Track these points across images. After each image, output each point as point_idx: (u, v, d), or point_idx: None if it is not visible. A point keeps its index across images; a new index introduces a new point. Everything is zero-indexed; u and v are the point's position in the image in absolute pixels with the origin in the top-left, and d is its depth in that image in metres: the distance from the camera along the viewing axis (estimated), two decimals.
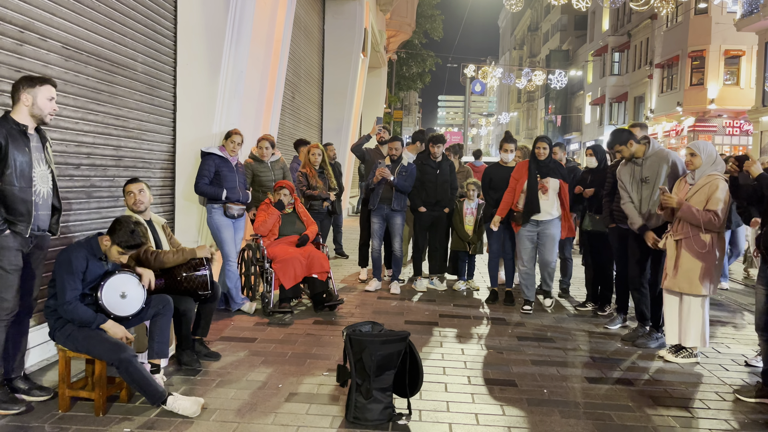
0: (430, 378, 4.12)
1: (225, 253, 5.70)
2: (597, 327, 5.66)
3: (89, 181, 4.74)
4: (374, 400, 3.40)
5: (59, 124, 4.33)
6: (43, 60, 4.13)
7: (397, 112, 29.00)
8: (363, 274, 7.54)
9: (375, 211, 6.81)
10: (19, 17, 3.89)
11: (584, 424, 3.51)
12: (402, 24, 20.91)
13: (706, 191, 4.48)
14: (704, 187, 4.50)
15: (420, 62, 28.49)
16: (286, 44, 7.90)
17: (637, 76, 33.36)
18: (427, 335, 5.23)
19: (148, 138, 5.67)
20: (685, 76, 26.97)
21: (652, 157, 5.01)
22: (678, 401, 3.90)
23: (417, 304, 6.41)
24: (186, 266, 4.18)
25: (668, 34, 28.67)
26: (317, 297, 5.93)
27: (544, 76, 33.83)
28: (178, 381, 3.97)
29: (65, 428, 3.24)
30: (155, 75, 5.78)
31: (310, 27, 12.60)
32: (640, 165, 5.05)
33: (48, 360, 4.21)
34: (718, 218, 4.41)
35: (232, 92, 6.31)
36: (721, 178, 4.50)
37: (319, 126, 14.29)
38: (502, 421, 3.52)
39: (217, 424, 3.35)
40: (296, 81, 11.40)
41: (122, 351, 3.38)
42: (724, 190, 4.45)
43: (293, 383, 4.00)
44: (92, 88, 4.73)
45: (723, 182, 4.47)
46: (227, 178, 5.61)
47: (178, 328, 4.20)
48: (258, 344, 4.83)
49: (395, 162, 6.73)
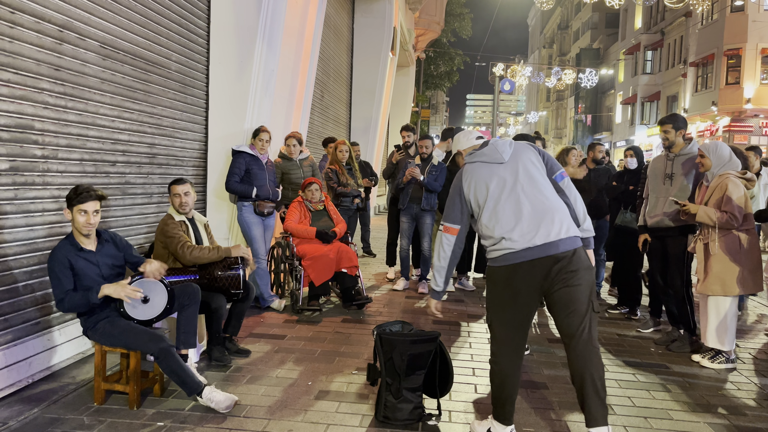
0: (460, 379, 4.10)
1: (255, 250, 5.75)
2: (629, 330, 5.56)
3: (124, 178, 4.82)
4: (404, 399, 3.39)
5: (96, 121, 4.41)
6: (81, 59, 4.21)
7: (424, 110, 28.92)
8: (391, 273, 7.53)
9: (404, 210, 6.79)
10: (59, 17, 3.97)
11: (617, 429, 3.45)
12: (431, 22, 20.83)
13: (718, 192, 4.46)
14: (717, 188, 4.48)
15: (448, 61, 28.33)
16: (316, 43, 7.94)
17: (671, 74, 32.72)
18: (456, 335, 5.20)
19: (181, 136, 5.75)
20: (721, 74, 26.35)
21: (685, 156, 4.92)
22: (714, 408, 3.81)
23: (445, 303, 6.38)
24: (221, 265, 4.23)
25: (703, 32, 28.04)
26: (347, 291, 5.95)
27: (574, 75, 33.39)
28: (208, 377, 4.01)
29: (101, 420, 3.30)
30: (188, 74, 5.86)
31: (340, 26, 12.63)
32: (672, 160, 4.98)
33: (84, 353, 4.30)
34: (734, 218, 4.38)
35: (263, 91, 6.36)
36: (732, 176, 4.43)
37: (348, 125, 14.32)
38: (533, 424, 3.48)
39: (247, 420, 3.38)
40: (325, 80, 11.44)
41: (160, 341, 3.41)
42: (736, 188, 4.40)
43: (323, 381, 4.01)
44: (128, 86, 4.81)
45: (733, 180, 4.41)
46: (257, 176, 5.66)
47: (209, 324, 4.26)
48: (287, 341, 4.86)
49: (425, 161, 6.71)
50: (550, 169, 3.19)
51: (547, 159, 3.22)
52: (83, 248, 3.44)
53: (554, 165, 3.21)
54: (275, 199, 5.86)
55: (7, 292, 3.64)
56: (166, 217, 4.30)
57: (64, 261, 3.36)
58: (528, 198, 3.02)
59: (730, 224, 4.40)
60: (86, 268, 3.43)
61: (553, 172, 3.18)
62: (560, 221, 2.99)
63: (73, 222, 3.40)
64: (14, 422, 3.24)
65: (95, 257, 3.48)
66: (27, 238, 3.80)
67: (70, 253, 3.39)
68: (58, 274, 3.35)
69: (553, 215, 2.99)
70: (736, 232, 4.46)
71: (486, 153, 3.17)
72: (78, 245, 3.43)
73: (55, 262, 3.35)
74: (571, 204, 3.15)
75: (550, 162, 3.21)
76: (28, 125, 3.76)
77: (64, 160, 4.09)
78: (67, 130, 4.10)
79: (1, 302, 3.59)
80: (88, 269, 3.43)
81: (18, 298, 3.72)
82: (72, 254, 3.39)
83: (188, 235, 4.31)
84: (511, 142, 3.23)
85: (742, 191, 4.42)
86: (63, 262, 3.35)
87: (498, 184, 3.07)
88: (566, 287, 2.94)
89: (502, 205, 3.03)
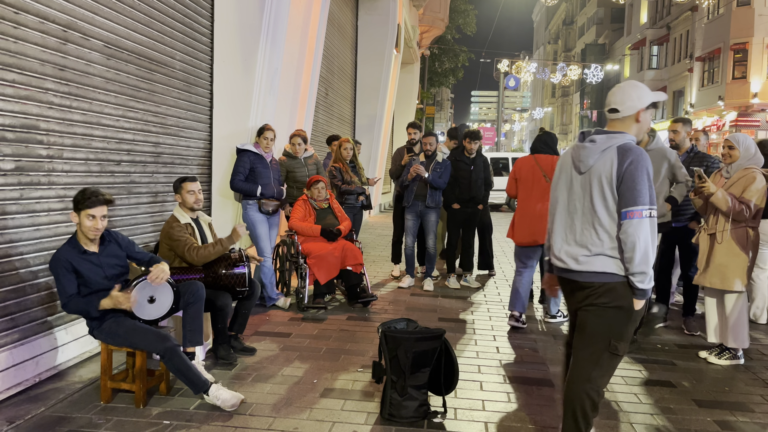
0: (465, 376, 4.09)
1: (260, 248, 5.75)
2: None
3: (129, 177, 4.84)
4: (409, 397, 3.39)
5: (101, 121, 4.43)
6: (85, 59, 4.22)
7: (429, 107, 28.89)
8: (396, 270, 7.53)
9: (409, 207, 6.78)
10: (63, 17, 3.98)
11: (624, 426, 3.44)
12: (435, 19, 20.78)
13: (742, 183, 4.42)
14: (740, 180, 4.43)
15: (453, 57, 28.24)
16: (320, 41, 7.93)
17: (677, 69, 32.56)
18: (461, 333, 5.19)
19: (185, 135, 5.76)
20: (727, 69, 26.22)
21: (653, 152, 4.90)
22: (721, 404, 3.79)
23: (450, 301, 6.37)
24: (225, 263, 4.23)
25: (709, 27, 27.88)
26: (352, 289, 5.95)
27: (579, 71, 33.25)
28: (214, 375, 4.02)
29: (108, 419, 3.31)
30: (192, 72, 5.86)
31: (344, 23, 12.62)
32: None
33: (90, 352, 4.32)
34: (749, 210, 4.35)
35: (267, 89, 6.36)
36: (759, 172, 4.40)
37: (352, 122, 14.31)
38: (539, 421, 3.48)
39: (253, 418, 3.39)
40: (330, 77, 11.44)
41: (166, 341, 3.42)
42: (761, 184, 4.37)
43: (328, 379, 4.02)
44: (132, 86, 4.82)
45: (761, 176, 4.37)
46: (262, 175, 5.66)
47: (215, 322, 4.27)
48: (293, 339, 4.86)
49: (429, 158, 6.70)
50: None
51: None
52: (87, 251, 3.44)
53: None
54: (280, 198, 5.87)
55: (14, 292, 3.65)
56: (171, 220, 4.26)
57: (66, 265, 3.36)
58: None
59: (742, 216, 4.36)
60: (90, 270, 3.43)
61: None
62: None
63: (80, 225, 3.41)
64: (21, 421, 3.26)
65: (98, 259, 3.49)
66: (32, 238, 3.82)
67: (72, 256, 3.39)
68: (61, 279, 3.36)
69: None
70: (745, 227, 4.43)
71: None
72: (81, 248, 3.43)
73: (58, 265, 3.35)
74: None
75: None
76: (33, 125, 3.77)
77: (69, 159, 4.10)
78: (72, 130, 4.11)
79: (7, 302, 3.61)
80: (92, 271, 3.44)
81: (24, 298, 3.74)
82: (75, 257, 3.39)
83: (194, 237, 4.29)
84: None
85: (763, 187, 4.39)
86: (66, 266, 3.35)
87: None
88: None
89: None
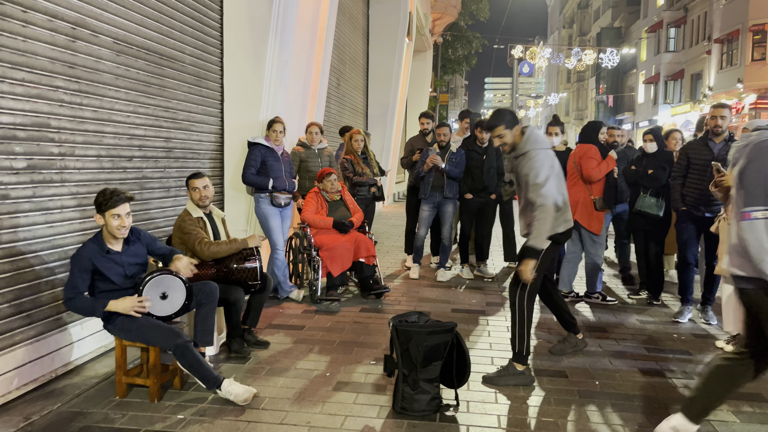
0: (478, 369, 4.08)
1: (273, 241, 5.77)
2: (652, 317, 5.49)
3: (141, 172, 4.86)
4: (421, 390, 3.38)
5: (112, 117, 4.44)
6: (95, 56, 4.23)
7: (443, 95, 28.69)
8: (409, 261, 7.51)
9: (426, 199, 6.74)
10: (72, 14, 3.99)
11: (638, 417, 3.41)
12: (447, 6, 20.58)
13: None
14: None
15: (466, 44, 27.97)
16: (330, 31, 7.89)
17: (694, 52, 31.96)
18: (474, 324, 5.17)
19: (196, 129, 5.77)
20: (746, 51, 25.66)
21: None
22: (738, 395, 3.73)
23: (464, 292, 6.35)
24: (237, 257, 4.25)
25: (728, 8, 27.30)
26: (365, 281, 5.96)
27: (594, 55, 32.75)
28: (228, 369, 4.05)
29: (123, 414, 3.35)
30: (203, 66, 5.86)
31: (355, 12, 12.54)
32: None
33: (105, 347, 4.36)
34: None
35: (277, 81, 6.35)
36: None
37: (365, 112, 14.26)
38: (552, 413, 3.46)
39: (266, 412, 3.41)
40: (341, 68, 11.39)
41: (177, 337, 3.45)
42: None
43: (341, 372, 4.02)
44: (143, 81, 4.83)
45: None
46: (273, 168, 5.66)
47: (228, 317, 4.29)
48: (306, 332, 4.88)
49: (443, 149, 6.65)
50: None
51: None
52: (110, 250, 3.49)
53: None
54: (291, 190, 5.87)
55: (29, 289, 3.70)
56: (184, 214, 4.30)
57: (86, 263, 3.40)
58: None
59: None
60: (111, 269, 3.47)
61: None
62: None
63: (106, 226, 3.45)
64: (38, 417, 3.31)
65: (121, 258, 3.53)
66: (46, 235, 3.85)
67: (94, 254, 3.43)
68: (75, 274, 3.39)
69: None
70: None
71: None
72: (105, 246, 3.47)
73: (78, 261, 3.39)
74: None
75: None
76: (45, 123, 3.79)
77: (81, 156, 4.13)
78: (83, 127, 4.14)
79: (23, 299, 3.65)
80: (112, 270, 3.48)
81: (40, 295, 3.78)
82: (96, 255, 3.43)
83: (206, 231, 4.31)
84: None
85: None
86: (85, 264, 3.40)
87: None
88: None
89: None
